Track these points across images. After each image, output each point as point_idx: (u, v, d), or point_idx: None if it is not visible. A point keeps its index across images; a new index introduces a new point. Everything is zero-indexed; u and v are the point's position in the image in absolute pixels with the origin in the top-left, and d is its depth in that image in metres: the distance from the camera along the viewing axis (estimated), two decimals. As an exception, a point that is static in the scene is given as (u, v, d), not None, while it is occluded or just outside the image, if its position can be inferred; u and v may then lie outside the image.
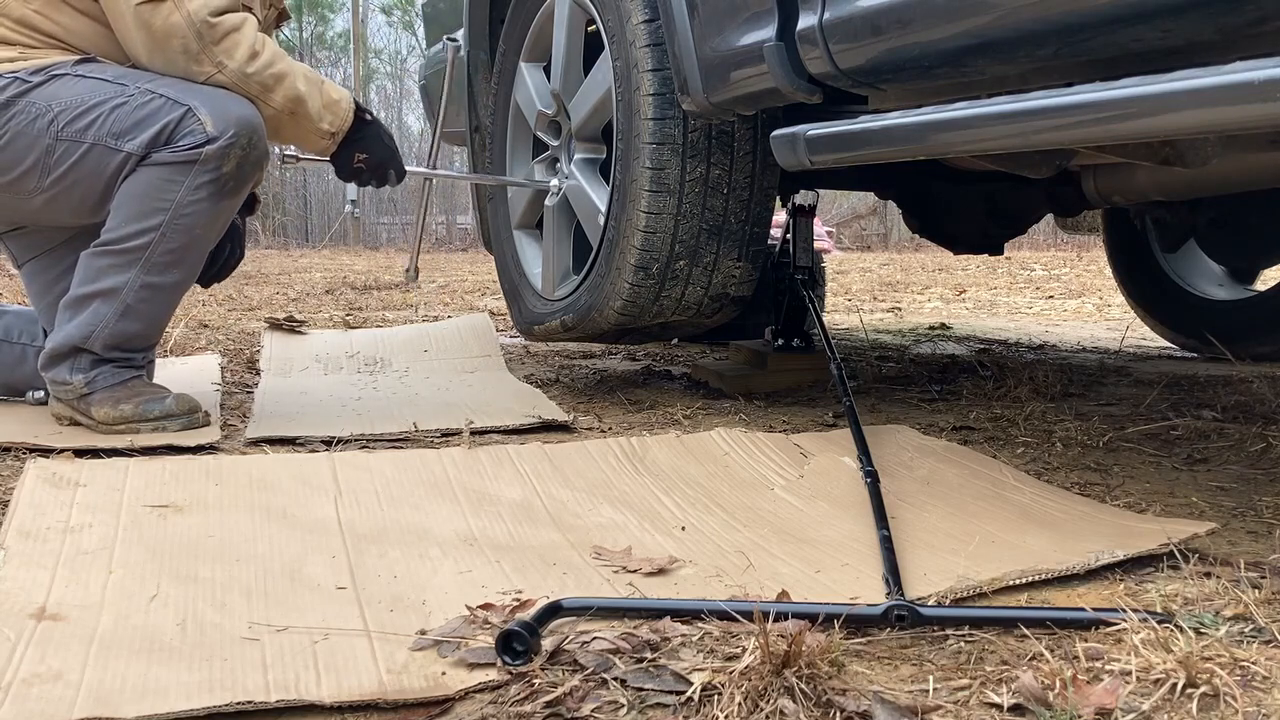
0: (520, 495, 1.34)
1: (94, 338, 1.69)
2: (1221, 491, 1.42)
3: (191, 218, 1.68)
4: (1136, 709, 0.76)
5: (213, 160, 1.66)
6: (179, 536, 1.15)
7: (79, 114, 1.66)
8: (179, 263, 1.72)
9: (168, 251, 1.69)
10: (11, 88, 1.66)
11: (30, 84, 1.67)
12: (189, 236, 1.70)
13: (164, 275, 1.71)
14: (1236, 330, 2.75)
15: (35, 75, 1.67)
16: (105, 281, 1.69)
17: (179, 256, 1.71)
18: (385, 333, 2.94)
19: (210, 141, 1.65)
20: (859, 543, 1.17)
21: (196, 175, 1.66)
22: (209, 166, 1.66)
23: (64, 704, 0.78)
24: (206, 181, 1.67)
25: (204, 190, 1.67)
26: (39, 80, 1.67)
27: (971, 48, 1.24)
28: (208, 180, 1.67)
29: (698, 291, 1.95)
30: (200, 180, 1.67)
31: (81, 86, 1.67)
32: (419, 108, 14.11)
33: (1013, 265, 8.56)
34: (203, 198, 1.68)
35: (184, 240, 1.70)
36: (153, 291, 1.71)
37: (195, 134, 1.65)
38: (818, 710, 0.76)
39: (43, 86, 1.67)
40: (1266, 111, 0.91)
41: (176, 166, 1.66)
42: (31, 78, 1.67)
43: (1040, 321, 4.18)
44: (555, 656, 0.85)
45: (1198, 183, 2.08)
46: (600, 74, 1.98)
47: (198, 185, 1.67)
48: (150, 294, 1.71)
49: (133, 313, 1.70)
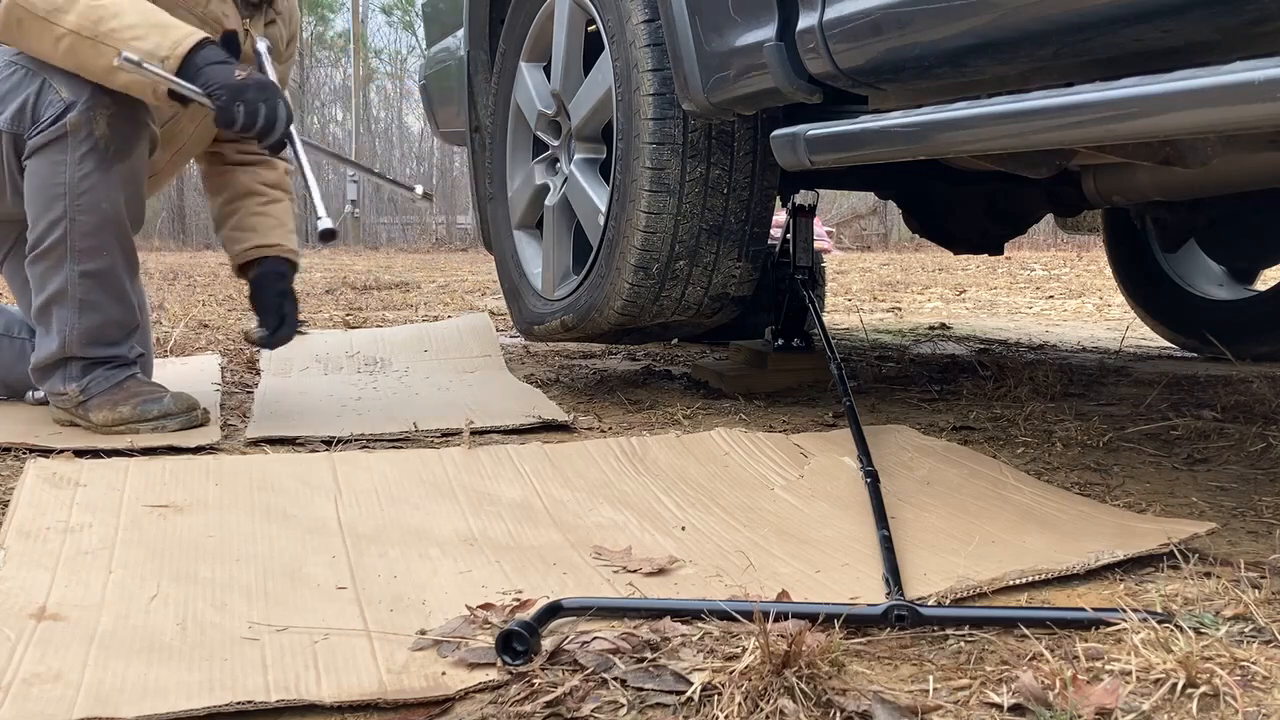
0: (520, 495, 1.34)
1: (68, 342, 1.68)
2: (1221, 491, 1.42)
3: (91, 194, 1.62)
4: (1136, 709, 0.76)
5: (82, 128, 1.60)
6: (179, 536, 1.15)
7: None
8: (103, 244, 1.66)
9: (86, 235, 1.64)
10: None
11: None
12: (99, 214, 1.64)
13: (95, 260, 1.66)
14: (1236, 330, 2.75)
15: None
16: (51, 285, 1.66)
17: (99, 238, 1.65)
18: (385, 333, 2.94)
19: (69, 108, 1.60)
20: (859, 543, 1.17)
21: (74, 148, 1.60)
22: (80, 135, 1.60)
23: (64, 704, 0.78)
24: (86, 152, 1.61)
25: (89, 161, 1.61)
26: None
27: (971, 48, 1.24)
28: (87, 150, 1.61)
29: (698, 291, 1.95)
30: (80, 152, 1.61)
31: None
32: (419, 108, 14.16)
33: (1013, 265, 8.56)
34: (91, 168, 1.62)
35: (97, 220, 1.64)
36: (93, 279, 1.67)
37: (54, 105, 1.60)
38: (818, 710, 0.76)
39: None
40: (1266, 111, 0.91)
41: (52, 146, 1.61)
42: None
43: (1040, 321, 4.18)
44: (555, 656, 0.85)
45: (1198, 183, 2.08)
46: (600, 74, 1.98)
47: (79, 157, 1.61)
48: (93, 282, 1.67)
49: (88, 305, 1.67)
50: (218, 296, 4.82)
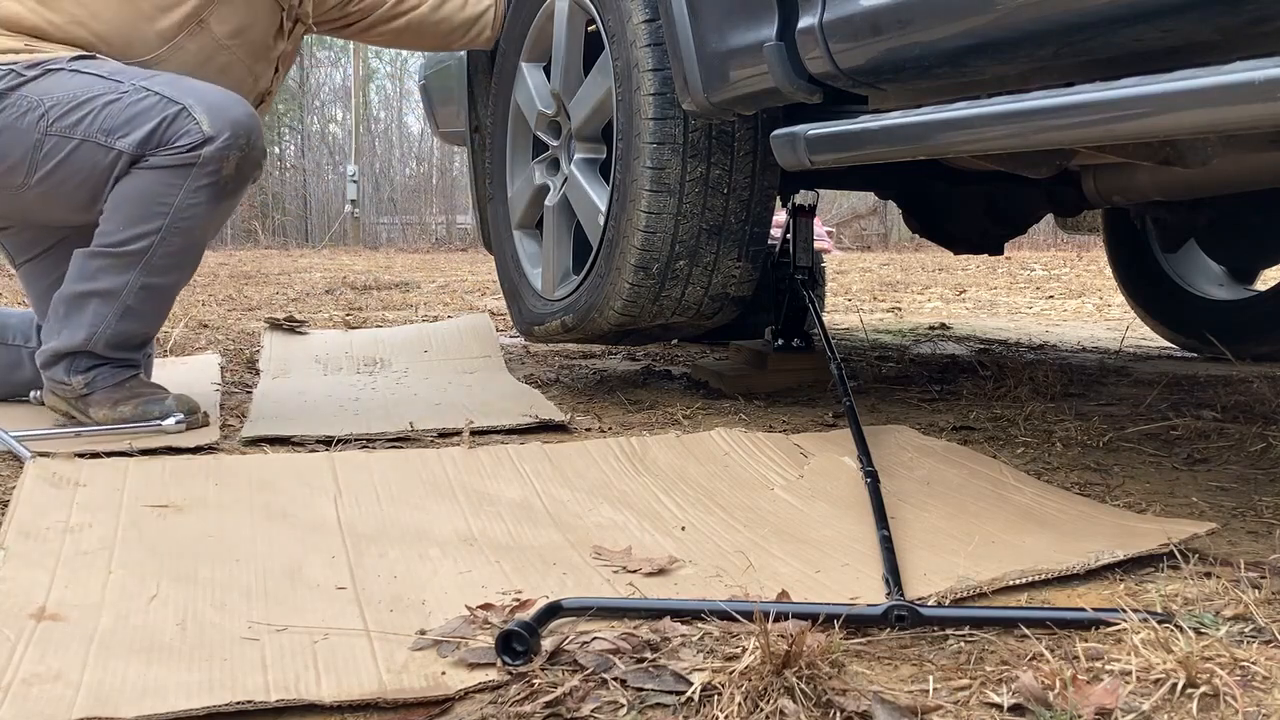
0: (520, 495, 1.34)
1: (95, 339, 1.68)
2: (1221, 491, 1.42)
3: (191, 220, 1.67)
4: (1136, 709, 0.76)
5: (211, 163, 1.64)
6: (179, 536, 1.15)
7: (70, 109, 1.64)
8: (179, 264, 1.71)
9: (168, 254, 1.68)
10: (5, 80, 1.65)
11: (25, 78, 1.65)
12: (189, 238, 1.69)
13: (164, 276, 1.70)
14: (1236, 330, 2.75)
15: (31, 70, 1.66)
16: (102, 282, 1.67)
17: (179, 259, 1.70)
18: (385, 333, 2.94)
19: (207, 142, 1.63)
20: (859, 543, 1.17)
21: (195, 178, 1.64)
22: (208, 169, 1.64)
23: (64, 704, 0.78)
24: (206, 185, 1.65)
25: (203, 193, 1.66)
26: (34, 75, 1.66)
27: (971, 48, 1.24)
28: (207, 183, 1.65)
29: (697, 292, 1.95)
30: (199, 183, 1.65)
31: (75, 82, 1.66)
32: (419, 108, 14.14)
33: (1013, 265, 8.56)
34: (202, 200, 1.66)
35: (184, 242, 1.69)
36: (151, 292, 1.70)
37: (191, 134, 1.63)
38: (818, 710, 0.76)
39: (37, 81, 1.66)
40: (1266, 111, 0.91)
41: (174, 170, 1.63)
42: (26, 72, 1.66)
43: (1040, 321, 4.18)
44: (555, 656, 0.85)
45: (1198, 183, 2.08)
46: (600, 74, 1.98)
47: (197, 188, 1.65)
48: (149, 294, 1.70)
49: (133, 313, 1.69)
50: (217, 296, 4.82)
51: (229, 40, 1.83)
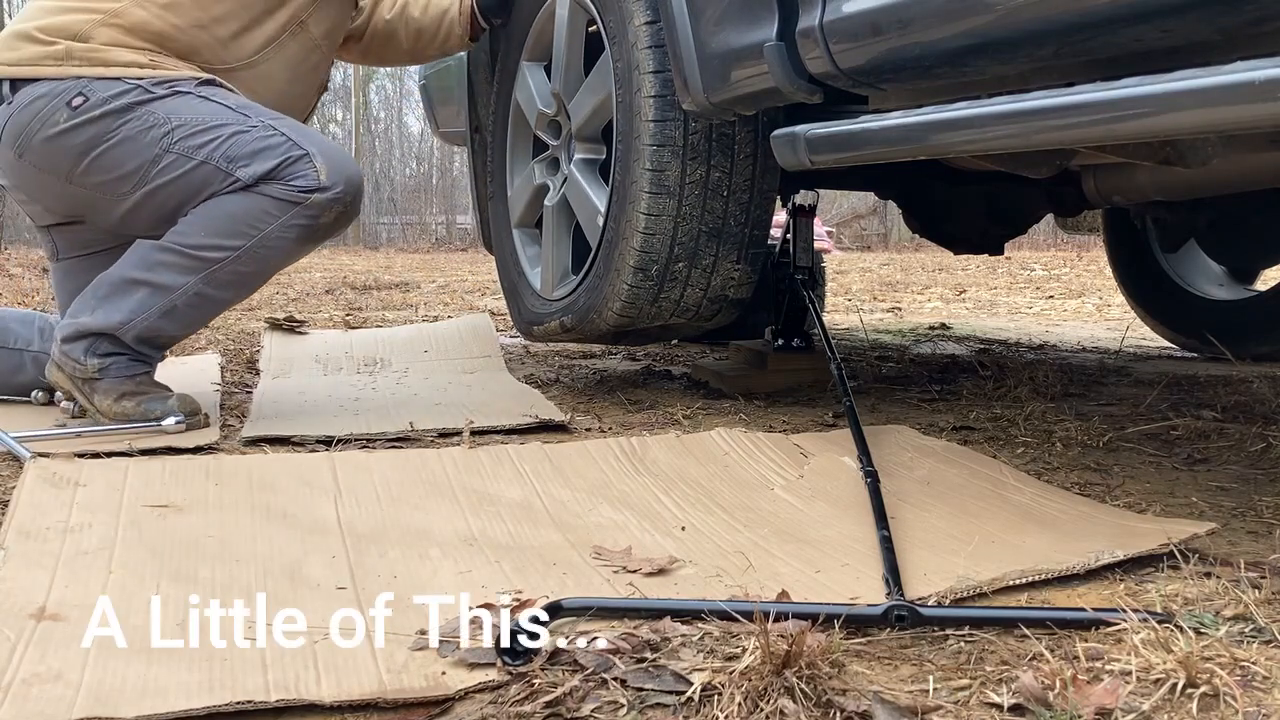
0: (520, 495, 1.34)
1: (130, 327, 1.70)
2: (1221, 491, 1.42)
3: (272, 250, 1.72)
4: (1136, 709, 0.76)
5: (315, 208, 1.70)
6: (179, 536, 1.15)
7: (197, 132, 1.69)
8: (239, 285, 1.76)
9: (235, 273, 1.72)
10: (133, 94, 1.69)
11: (153, 95, 1.70)
12: (261, 265, 1.74)
13: (221, 291, 1.74)
14: (1236, 330, 2.75)
15: (159, 87, 1.71)
16: (161, 276, 1.70)
17: (243, 280, 1.75)
18: (385, 333, 2.94)
19: (320, 190, 1.70)
20: (859, 543, 1.17)
21: (295, 215, 1.70)
22: (309, 212, 1.70)
23: (64, 704, 0.78)
24: (301, 224, 1.71)
25: (295, 230, 1.71)
26: (162, 93, 1.71)
27: (971, 48, 1.24)
28: (303, 224, 1.71)
29: (696, 294, 1.95)
30: (297, 221, 1.70)
31: (204, 107, 1.71)
32: (419, 108, 14.13)
33: (1013, 265, 8.56)
34: (291, 237, 1.72)
35: (255, 268, 1.73)
36: (203, 301, 1.73)
37: (308, 178, 1.69)
38: (818, 710, 0.76)
39: (164, 100, 1.71)
40: (1266, 111, 0.91)
41: (279, 202, 1.69)
42: (155, 89, 1.71)
43: (1040, 321, 4.18)
44: (555, 656, 0.85)
45: (1198, 183, 2.08)
46: (601, 75, 1.98)
47: (292, 224, 1.70)
48: (200, 302, 1.73)
49: (176, 315, 1.72)
50: (218, 296, 4.81)
51: (322, 40, 1.93)
